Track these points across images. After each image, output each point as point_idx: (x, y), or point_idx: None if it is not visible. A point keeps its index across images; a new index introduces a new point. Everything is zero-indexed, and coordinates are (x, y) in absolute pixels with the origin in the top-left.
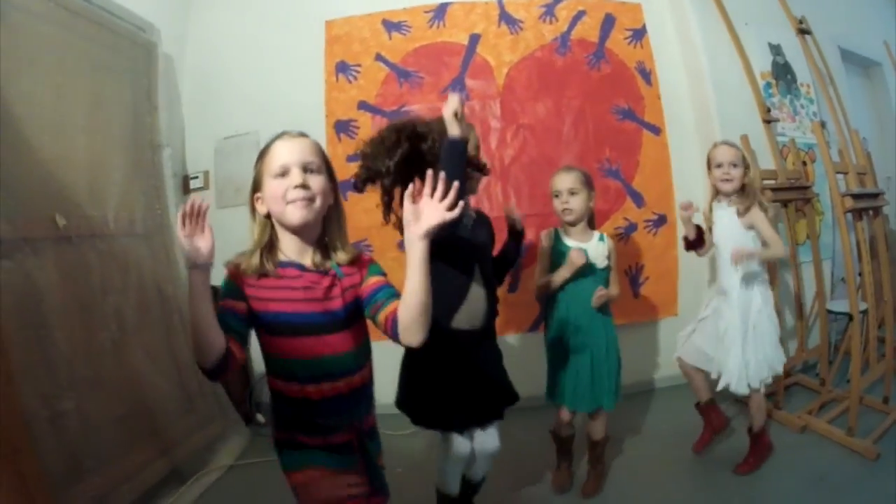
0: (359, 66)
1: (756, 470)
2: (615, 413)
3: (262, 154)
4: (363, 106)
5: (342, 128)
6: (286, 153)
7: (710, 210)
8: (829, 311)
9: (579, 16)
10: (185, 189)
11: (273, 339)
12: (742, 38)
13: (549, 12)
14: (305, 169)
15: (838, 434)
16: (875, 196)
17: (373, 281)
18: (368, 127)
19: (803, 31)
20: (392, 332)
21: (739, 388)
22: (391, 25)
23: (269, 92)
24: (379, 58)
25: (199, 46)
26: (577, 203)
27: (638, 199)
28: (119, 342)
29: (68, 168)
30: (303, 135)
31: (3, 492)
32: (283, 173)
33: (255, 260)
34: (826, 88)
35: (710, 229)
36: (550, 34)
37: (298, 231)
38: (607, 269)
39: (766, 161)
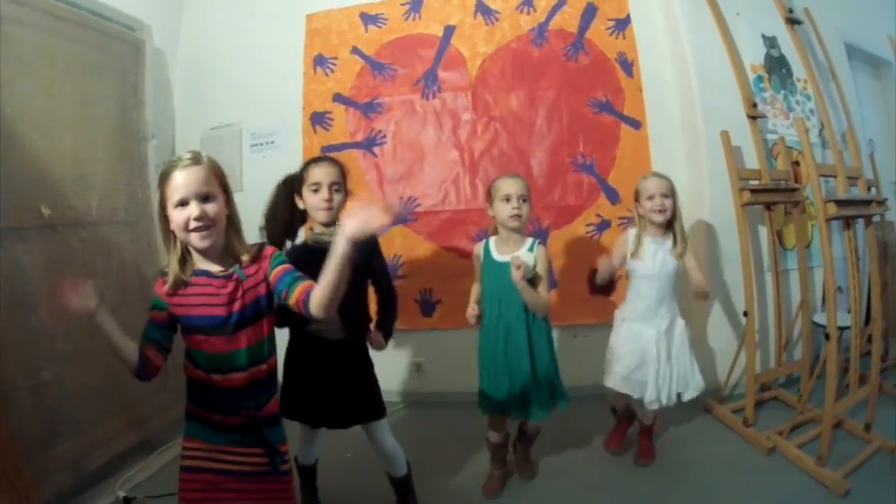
0: (335, 58)
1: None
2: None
3: (163, 180)
4: (338, 98)
5: (318, 119)
6: (183, 186)
7: (639, 242)
8: (815, 324)
9: (559, 5)
10: None
11: (187, 337)
12: (733, 28)
13: (527, 2)
14: (202, 199)
15: (807, 462)
16: (867, 203)
17: (277, 270)
18: (343, 119)
19: (793, 21)
20: (305, 309)
21: (654, 406)
22: (368, 18)
23: (254, 84)
24: (355, 50)
25: (191, 40)
26: (526, 210)
27: (613, 195)
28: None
29: (55, 163)
30: (197, 161)
31: None
32: (183, 204)
33: (172, 277)
34: (817, 84)
35: (631, 256)
36: (528, 25)
37: (202, 252)
38: (535, 278)
39: (751, 159)
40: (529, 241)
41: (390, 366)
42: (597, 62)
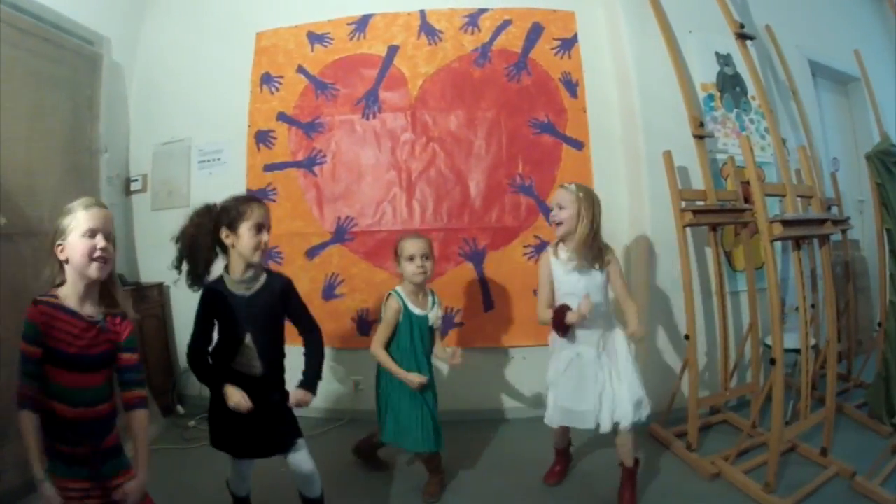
0: (281, 77)
1: None
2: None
3: (67, 213)
4: (281, 117)
5: (262, 138)
6: (97, 220)
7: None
8: (766, 346)
9: (504, 25)
10: (127, 191)
11: (51, 369)
12: (685, 46)
13: (472, 23)
14: (107, 237)
15: (754, 488)
16: (820, 222)
17: (131, 357)
18: (285, 137)
19: (744, 37)
20: (124, 408)
21: (606, 427)
22: (315, 38)
23: (204, 101)
24: (300, 70)
25: (148, 54)
26: (430, 266)
27: None
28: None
29: (9, 173)
30: (103, 206)
31: None
32: (92, 235)
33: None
34: (767, 102)
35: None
36: (471, 45)
37: (93, 283)
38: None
39: (698, 179)
40: (430, 293)
41: (328, 384)
42: (539, 82)
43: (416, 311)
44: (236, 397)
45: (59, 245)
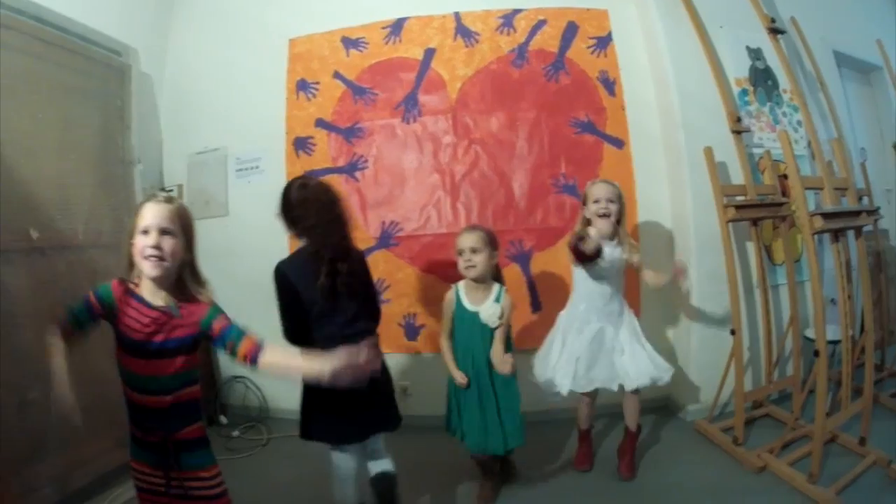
0: (317, 83)
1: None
2: None
3: (137, 210)
4: (320, 123)
5: (301, 145)
6: (150, 216)
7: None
8: (807, 338)
9: (539, 25)
10: None
11: (120, 352)
12: (716, 41)
13: (507, 23)
14: (163, 232)
15: (799, 479)
16: (856, 214)
17: (219, 323)
18: (325, 143)
19: (776, 31)
20: (251, 363)
21: (630, 387)
22: (350, 42)
23: (238, 109)
24: (336, 75)
25: (177, 65)
26: (479, 260)
27: None
28: (85, 343)
29: (41, 186)
30: (170, 200)
31: None
32: (146, 232)
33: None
34: (802, 95)
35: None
36: (508, 46)
37: (159, 279)
38: (498, 328)
39: (736, 174)
40: (496, 289)
41: None
42: (578, 82)
43: (469, 306)
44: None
45: (132, 243)
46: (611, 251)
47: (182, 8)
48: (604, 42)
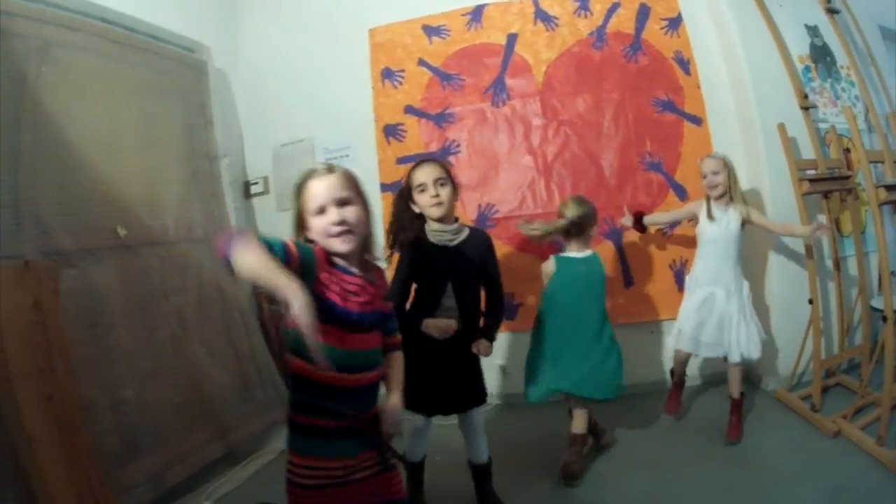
0: (402, 71)
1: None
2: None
3: (299, 191)
4: (409, 110)
5: (391, 132)
6: (321, 193)
7: (709, 208)
8: (873, 308)
9: (614, 8)
10: (247, 195)
11: (327, 328)
12: (777, 20)
13: (583, 6)
14: (340, 203)
15: (868, 443)
16: None
17: (388, 306)
18: (416, 130)
19: (831, 11)
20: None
21: (734, 358)
22: (431, 30)
23: (321, 99)
24: (421, 62)
25: (250, 60)
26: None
27: (681, 192)
28: (180, 337)
29: (126, 184)
30: (331, 170)
31: (66, 463)
32: (321, 211)
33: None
34: (859, 70)
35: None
36: (586, 29)
37: (348, 253)
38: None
39: (807, 150)
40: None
41: None
42: (655, 62)
43: (571, 254)
44: (440, 322)
45: (303, 232)
46: (724, 217)
47: (248, 4)
48: (675, 23)
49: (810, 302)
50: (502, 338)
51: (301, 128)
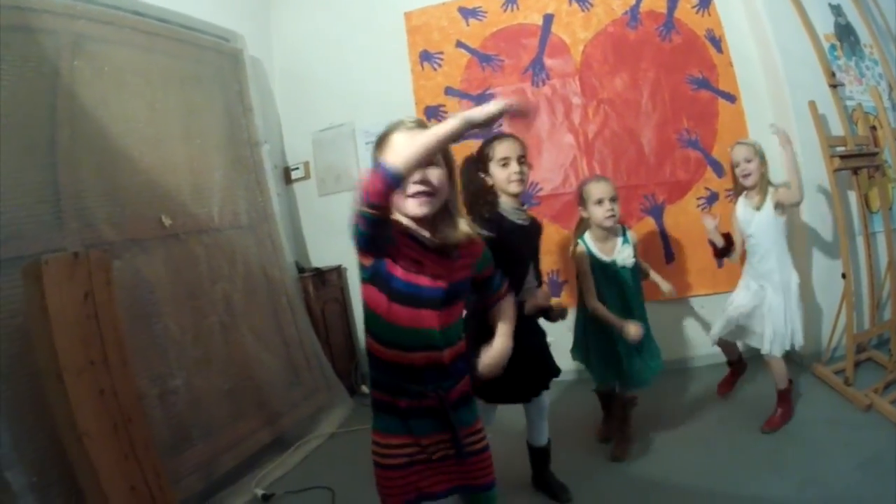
0: (441, 53)
1: (780, 427)
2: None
3: (381, 143)
4: (450, 91)
5: (432, 113)
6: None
7: (744, 205)
8: None
9: None
10: (287, 179)
11: (392, 305)
12: None
13: None
14: (425, 164)
15: None
16: None
17: (490, 268)
18: (457, 111)
19: None
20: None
21: (775, 351)
22: (467, 12)
23: (359, 84)
24: (459, 44)
25: (284, 48)
26: (618, 209)
27: (718, 169)
28: (228, 324)
29: (169, 173)
30: (422, 124)
31: (118, 455)
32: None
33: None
34: (882, 48)
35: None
36: (620, 8)
37: (416, 222)
38: (635, 266)
39: (836, 127)
40: (621, 231)
41: None
42: (688, 40)
43: (602, 256)
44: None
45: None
46: (758, 210)
47: None
48: (705, 2)
49: (843, 276)
50: None
51: (340, 112)
